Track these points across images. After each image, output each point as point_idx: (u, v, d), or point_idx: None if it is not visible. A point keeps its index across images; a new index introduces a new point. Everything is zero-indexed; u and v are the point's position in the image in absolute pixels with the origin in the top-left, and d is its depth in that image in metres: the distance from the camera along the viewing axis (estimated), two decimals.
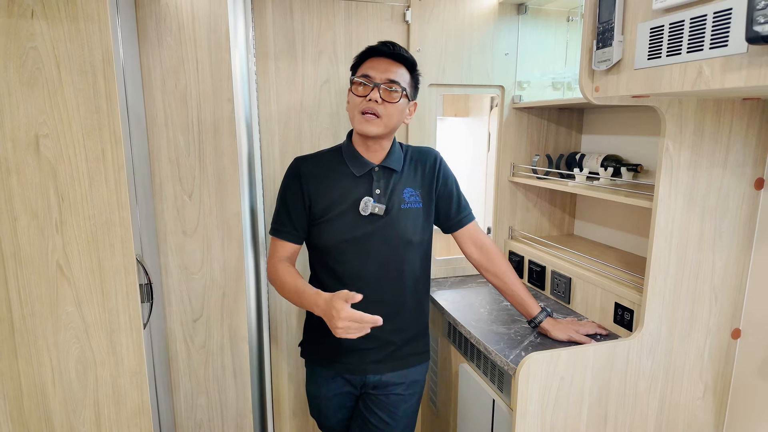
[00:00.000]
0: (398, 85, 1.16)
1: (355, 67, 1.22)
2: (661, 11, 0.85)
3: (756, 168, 1.14)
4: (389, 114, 1.16)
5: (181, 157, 1.28)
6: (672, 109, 1.05)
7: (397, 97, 1.16)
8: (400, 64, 1.18)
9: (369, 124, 1.16)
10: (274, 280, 1.21)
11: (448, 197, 1.30)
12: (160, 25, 1.21)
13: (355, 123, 1.18)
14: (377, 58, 1.18)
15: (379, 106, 1.14)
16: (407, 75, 1.20)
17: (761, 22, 0.66)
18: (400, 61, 1.18)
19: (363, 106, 1.15)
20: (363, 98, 1.15)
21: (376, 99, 1.14)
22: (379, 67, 1.16)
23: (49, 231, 0.91)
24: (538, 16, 1.72)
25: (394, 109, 1.17)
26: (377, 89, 1.14)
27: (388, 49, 1.17)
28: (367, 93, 1.15)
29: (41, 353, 0.94)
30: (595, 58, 1.01)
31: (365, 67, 1.18)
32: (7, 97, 0.86)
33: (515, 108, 1.74)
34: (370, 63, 1.18)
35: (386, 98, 1.15)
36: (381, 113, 1.15)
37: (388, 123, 1.17)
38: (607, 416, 1.18)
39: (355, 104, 1.16)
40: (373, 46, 1.19)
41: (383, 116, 1.15)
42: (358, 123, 1.17)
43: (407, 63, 1.19)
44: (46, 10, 0.85)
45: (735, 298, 1.20)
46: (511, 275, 1.32)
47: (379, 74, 1.15)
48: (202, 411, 1.43)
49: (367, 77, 1.16)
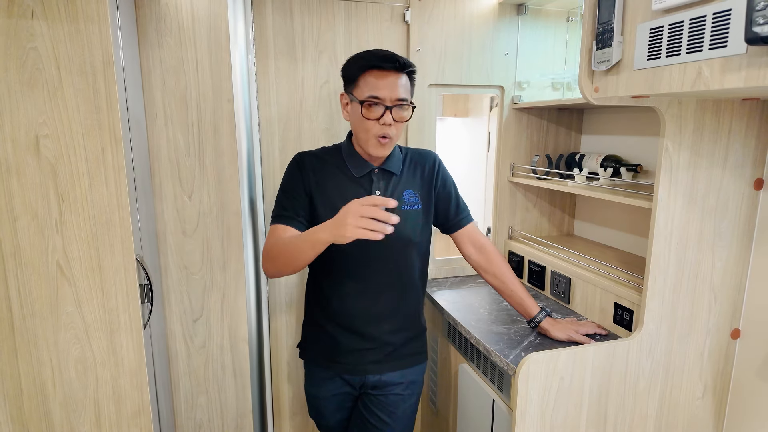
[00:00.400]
0: (406, 101, 1.15)
1: (351, 79, 1.16)
2: (661, 12, 0.85)
3: (755, 168, 1.14)
4: (398, 131, 1.17)
5: (181, 157, 1.28)
6: (671, 109, 1.05)
7: (408, 115, 1.16)
8: (404, 75, 1.14)
9: (385, 149, 1.16)
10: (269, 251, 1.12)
11: (447, 199, 1.31)
12: (160, 26, 1.21)
13: (369, 147, 1.16)
14: (382, 72, 1.12)
15: (392, 128, 1.13)
16: (408, 82, 1.16)
17: (760, 23, 0.66)
18: (402, 71, 1.14)
19: (378, 131, 1.12)
20: (375, 122, 1.12)
21: (390, 123, 1.12)
22: (386, 86, 1.11)
23: (49, 231, 0.91)
24: (537, 17, 1.72)
25: (402, 124, 1.17)
26: (389, 111, 1.12)
27: (393, 65, 1.11)
28: (379, 115, 1.12)
29: (41, 353, 0.94)
30: (595, 59, 1.01)
31: (371, 86, 1.11)
32: (7, 97, 0.86)
33: (515, 108, 1.74)
34: (373, 80, 1.11)
35: (398, 119, 1.14)
36: (392, 135, 1.15)
37: (398, 139, 1.19)
38: (607, 416, 1.18)
39: (368, 128, 1.13)
40: (374, 62, 1.12)
41: (394, 136, 1.16)
42: (374, 147, 1.15)
43: (408, 70, 1.16)
44: (46, 11, 0.85)
45: (734, 298, 1.20)
46: (509, 276, 1.32)
47: (389, 94, 1.11)
48: (202, 411, 1.43)
49: (377, 98, 1.11)
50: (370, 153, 1.17)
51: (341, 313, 1.23)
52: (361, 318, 1.23)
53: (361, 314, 1.23)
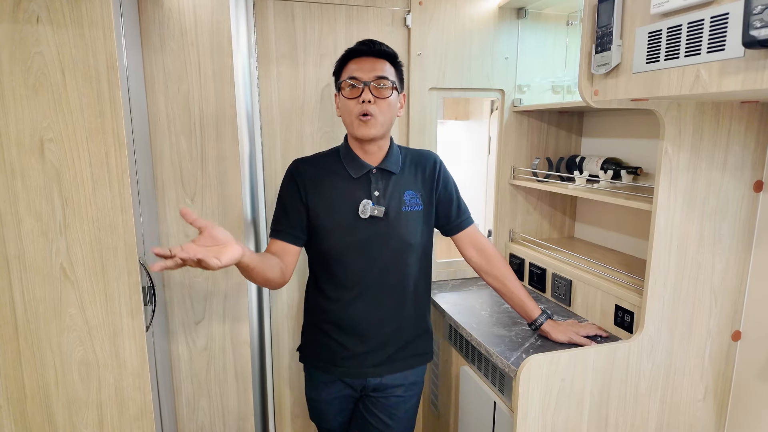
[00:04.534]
0: (387, 80, 1.16)
1: (337, 72, 1.22)
2: (659, 16, 0.86)
3: (755, 170, 1.15)
4: (382, 111, 1.17)
5: (184, 160, 1.29)
6: (671, 112, 1.06)
7: (388, 92, 1.17)
8: (383, 60, 1.18)
9: (368, 127, 1.16)
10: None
11: (448, 200, 1.31)
12: (164, 30, 1.22)
13: (354, 128, 1.17)
14: (359, 59, 1.18)
15: (372, 105, 1.15)
16: (392, 69, 1.20)
17: (757, 26, 0.67)
18: (382, 57, 1.18)
19: (358, 110, 1.15)
20: (355, 100, 1.15)
21: (369, 99, 1.14)
22: (364, 67, 1.16)
23: (53, 234, 0.91)
24: (537, 20, 1.73)
25: (386, 105, 1.17)
26: (367, 88, 1.14)
27: (368, 47, 1.17)
28: (358, 94, 1.15)
29: (45, 355, 0.95)
30: (594, 62, 1.01)
31: (350, 70, 1.17)
32: (12, 101, 0.86)
33: (515, 111, 1.75)
34: (353, 65, 1.17)
35: (378, 95, 1.15)
36: (374, 112, 1.15)
37: (384, 121, 1.18)
38: (608, 418, 1.19)
39: (349, 109, 1.16)
40: (352, 48, 1.19)
41: (377, 114, 1.16)
42: (358, 128, 1.17)
43: (389, 57, 1.19)
44: (52, 16, 0.86)
45: (735, 300, 1.20)
46: (511, 278, 1.32)
47: (366, 74, 1.15)
48: (204, 414, 1.43)
49: (354, 79, 1.15)
50: (356, 135, 1.18)
51: (342, 317, 1.23)
52: (362, 322, 1.23)
53: (362, 318, 1.23)
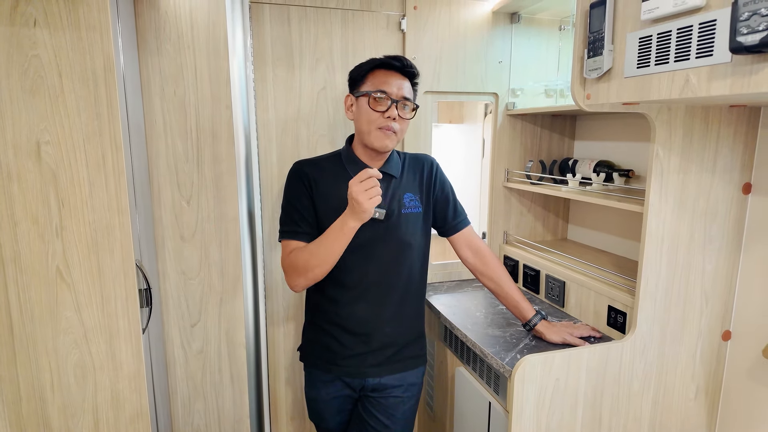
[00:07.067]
0: (410, 102, 1.20)
1: (358, 78, 1.22)
2: (650, 22, 0.88)
3: (743, 173, 1.17)
4: (402, 129, 1.20)
5: (180, 163, 1.29)
6: (661, 115, 1.08)
7: (410, 114, 1.21)
8: (406, 78, 1.21)
9: (389, 141, 1.18)
10: (296, 266, 1.16)
11: (444, 202, 1.33)
12: (160, 34, 1.22)
13: (371, 138, 1.18)
14: (387, 72, 1.19)
15: (395, 122, 1.17)
16: (411, 88, 1.23)
17: (744, 33, 0.68)
18: (407, 75, 1.21)
19: (382, 123, 1.16)
20: (380, 114, 1.16)
21: (395, 117, 1.17)
22: (393, 83, 1.18)
23: (50, 236, 0.91)
24: (530, 25, 1.75)
25: (406, 124, 1.21)
26: (395, 106, 1.17)
27: (400, 64, 1.19)
28: (385, 108, 1.16)
29: (40, 358, 0.94)
30: (586, 67, 1.03)
31: (379, 82, 1.18)
32: (9, 104, 0.87)
33: (509, 115, 1.77)
34: (381, 77, 1.18)
35: (403, 115, 1.19)
36: (396, 129, 1.18)
37: (401, 137, 1.22)
38: (602, 417, 1.20)
39: (371, 119, 1.17)
40: (383, 60, 1.20)
41: (398, 132, 1.19)
42: (377, 138, 1.18)
43: (411, 76, 1.23)
44: (49, 19, 0.86)
45: (725, 300, 1.22)
46: (506, 279, 1.34)
47: (395, 90, 1.17)
48: (200, 416, 1.43)
49: (384, 93, 1.17)
50: (374, 145, 1.19)
51: (342, 317, 1.24)
52: (362, 322, 1.24)
53: (362, 318, 1.24)
